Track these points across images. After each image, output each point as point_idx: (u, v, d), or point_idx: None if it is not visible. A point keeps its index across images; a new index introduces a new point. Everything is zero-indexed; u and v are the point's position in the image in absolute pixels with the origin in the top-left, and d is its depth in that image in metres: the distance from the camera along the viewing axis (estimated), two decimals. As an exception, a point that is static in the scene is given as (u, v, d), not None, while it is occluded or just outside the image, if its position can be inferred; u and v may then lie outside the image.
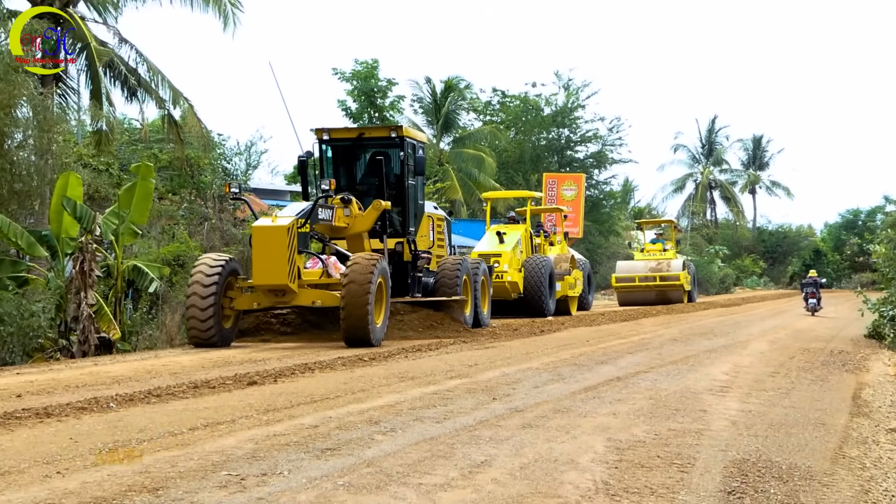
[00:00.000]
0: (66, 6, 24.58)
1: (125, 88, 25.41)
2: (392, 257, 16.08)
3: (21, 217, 17.81)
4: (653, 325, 19.79)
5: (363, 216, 15.37)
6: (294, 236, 13.46)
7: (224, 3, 25.21)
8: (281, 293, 13.71)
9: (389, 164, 16.52)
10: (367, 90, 42.96)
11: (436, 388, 8.93)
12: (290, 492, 4.74)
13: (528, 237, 25.76)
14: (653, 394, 8.62)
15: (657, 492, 4.90)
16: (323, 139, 16.58)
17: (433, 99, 50.00)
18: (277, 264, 13.30)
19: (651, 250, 36.20)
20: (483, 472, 5.23)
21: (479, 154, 48.25)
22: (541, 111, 57.18)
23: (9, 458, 5.61)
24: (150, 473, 5.15)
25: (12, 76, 16.74)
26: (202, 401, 8.17)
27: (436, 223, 18.30)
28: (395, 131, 16.55)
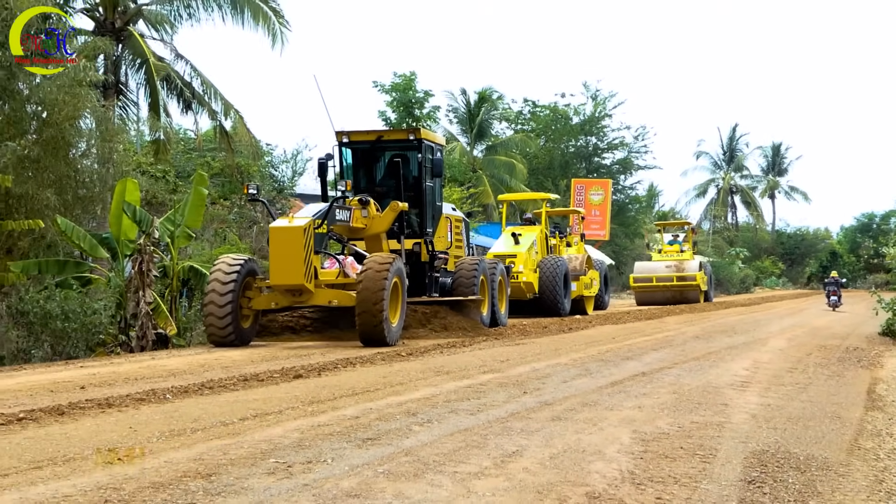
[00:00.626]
0: (126, 24, 24.90)
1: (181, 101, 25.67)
2: (410, 258, 15.65)
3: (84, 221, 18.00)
4: (676, 323, 19.65)
5: (381, 217, 14.89)
6: (310, 237, 13.01)
7: (273, 22, 25.38)
8: (298, 293, 13.24)
9: (407, 166, 16.10)
10: (405, 101, 43.07)
11: (469, 382, 8.92)
12: (334, 478, 4.76)
13: (543, 238, 25.09)
14: (676, 388, 8.57)
15: (680, 481, 4.87)
16: (343, 142, 16.14)
17: (468, 109, 50.01)
18: (294, 264, 12.85)
19: (669, 251, 35.61)
20: (514, 461, 5.23)
21: (510, 161, 48.21)
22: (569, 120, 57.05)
23: (74, 445, 5.68)
24: (203, 460, 5.19)
25: (76, 90, 16.94)
26: (251, 393, 8.23)
27: (454, 224, 17.76)
28: (412, 134, 16.14)
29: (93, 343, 13.36)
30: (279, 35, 25.41)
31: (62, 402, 7.43)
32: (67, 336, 13.17)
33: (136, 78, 25.36)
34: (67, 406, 7.25)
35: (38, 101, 17.33)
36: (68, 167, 17.40)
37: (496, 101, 51.78)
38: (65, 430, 6.29)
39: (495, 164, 47.94)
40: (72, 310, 13.22)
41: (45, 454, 5.39)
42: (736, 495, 4.64)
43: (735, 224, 78.79)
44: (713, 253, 60.57)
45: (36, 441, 5.84)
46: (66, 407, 7.21)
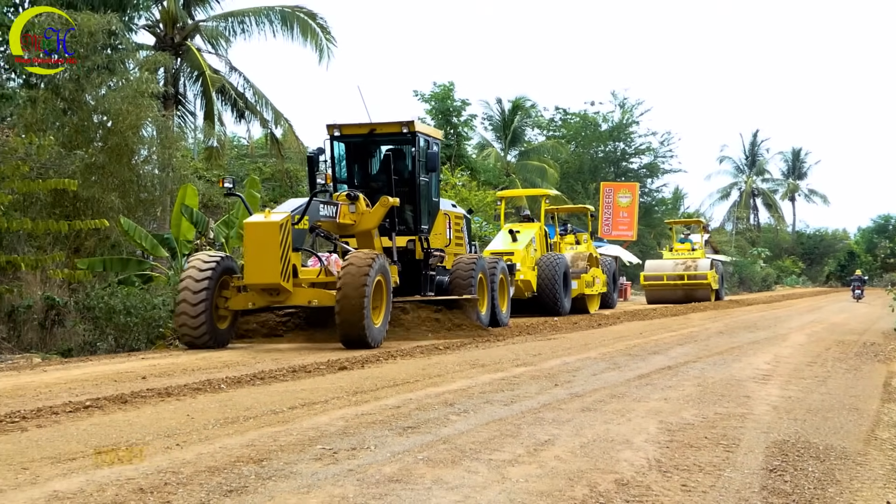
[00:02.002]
0: (184, 39, 25.15)
1: (234, 110, 25.90)
2: (404, 255, 14.48)
3: (146, 222, 18.23)
4: (700, 320, 19.48)
5: (370, 213, 13.55)
6: (287, 233, 11.65)
7: (320, 38, 25.53)
8: (275, 292, 11.92)
9: (402, 160, 14.76)
10: (443, 110, 43.08)
11: (503, 374, 8.90)
12: (377, 464, 4.77)
13: (542, 235, 23.34)
14: (701, 381, 8.49)
15: (705, 469, 4.83)
16: (334, 135, 14.71)
17: (502, 117, 49.99)
18: (270, 262, 11.54)
19: (680, 250, 33.87)
20: (547, 449, 5.20)
21: (542, 165, 48.13)
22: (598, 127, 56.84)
23: (135, 431, 5.74)
24: (255, 446, 5.23)
25: (139, 101, 17.15)
26: (299, 383, 8.27)
27: (453, 221, 16.32)
28: (406, 127, 14.44)
29: (153, 336, 13.49)
30: (325, 50, 25.55)
31: (125, 392, 7.51)
32: (130, 330, 13.31)
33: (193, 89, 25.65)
34: (130, 395, 7.33)
35: (103, 111, 17.57)
36: (131, 172, 17.62)
37: (529, 110, 51.73)
38: (127, 417, 6.36)
39: (528, 169, 47.87)
40: (133, 305, 13.35)
41: (109, 439, 5.46)
42: (758, 482, 4.59)
43: (757, 225, 78.04)
44: (736, 253, 59.99)
45: (101, 427, 5.91)
46: (128, 396, 7.29)
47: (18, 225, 13.30)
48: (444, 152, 42.57)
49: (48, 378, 8.89)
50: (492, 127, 50.71)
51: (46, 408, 6.63)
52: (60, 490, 4.20)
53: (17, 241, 14.73)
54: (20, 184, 13.42)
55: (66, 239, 15.65)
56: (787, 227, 78.23)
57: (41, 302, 13.74)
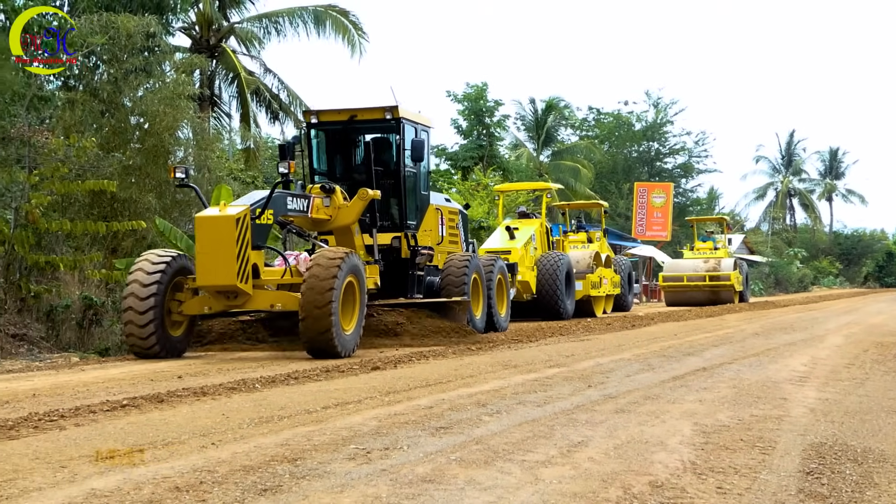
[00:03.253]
0: (220, 41, 25.37)
1: (269, 112, 26.12)
2: (389, 254, 13.36)
3: (181, 223, 18.39)
4: (736, 321, 19.30)
5: (348, 207, 12.25)
6: (246, 228, 10.43)
7: (352, 33, 25.69)
8: (232, 295, 10.68)
9: (385, 149, 13.55)
10: (476, 110, 43.07)
11: (536, 375, 8.88)
12: (410, 464, 4.77)
13: (543, 232, 21.64)
14: (736, 383, 8.41)
15: (740, 471, 4.78)
16: (311, 122, 13.57)
17: (535, 117, 49.93)
18: (224, 261, 10.32)
19: (701, 249, 31.91)
20: (580, 451, 5.18)
21: (576, 165, 48.02)
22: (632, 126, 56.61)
23: (171, 430, 5.79)
24: (289, 446, 5.25)
25: (176, 102, 17.32)
26: (333, 383, 8.30)
27: (447, 217, 15.01)
28: (389, 112, 13.19)
29: (189, 336, 13.57)
30: (358, 45, 25.74)
31: (161, 391, 7.59)
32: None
33: (228, 91, 25.91)
34: (166, 394, 7.41)
35: (140, 112, 17.79)
36: (167, 173, 17.80)
37: (563, 109, 51.62)
38: (164, 416, 6.42)
39: (561, 169, 47.77)
40: (169, 305, 13.44)
41: (146, 438, 5.51)
42: (795, 485, 4.54)
43: (793, 225, 77.27)
44: (772, 253, 59.41)
45: (138, 426, 5.97)
46: (164, 395, 7.37)
47: (57, 226, 13.50)
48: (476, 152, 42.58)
49: (86, 377, 9.01)
50: (525, 127, 50.69)
51: (84, 406, 6.72)
52: (98, 488, 4.25)
53: (56, 242, 14.91)
54: (59, 185, 13.62)
55: (103, 239, 15.84)
56: (824, 227, 77.36)
57: (79, 302, 13.91)
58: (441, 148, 45.16)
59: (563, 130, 53.47)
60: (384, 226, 13.27)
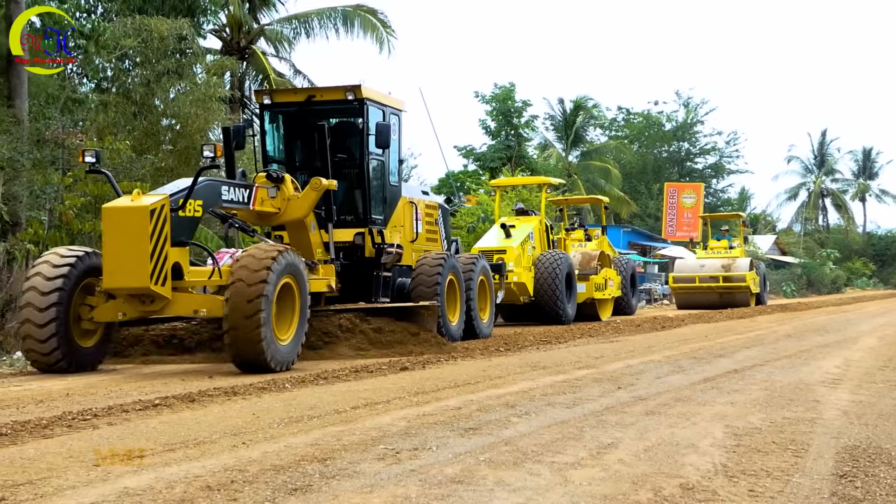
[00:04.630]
0: (250, 43, 25.55)
1: (298, 112, 26.21)
2: (352, 253, 12.07)
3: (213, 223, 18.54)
4: (767, 322, 19.14)
5: (298, 199, 10.92)
6: (164, 221, 8.98)
7: (380, 31, 25.83)
8: (148, 299, 9.20)
9: (348, 134, 12.27)
10: (504, 111, 43.03)
11: (565, 376, 8.86)
12: (439, 465, 4.78)
13: (542, 231, 19.82)
14: (768, 385, 8.33)
15: (773, 474, 4.74)
16: (264, 103, 12.32)
17: (564, 117, 49.83)
18: (136, 260, 8.85)
19: (716, 248, 29.45)
20: (610, 453, 5.16)
21: (605, 166, 47.85)
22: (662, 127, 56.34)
23: (203, 429, 5.84)
24: (319, 445, 5.28)
25: (207, 104, 17.48)
26: (362, 383, 8.33)
27: (424, 211, 13.59)
28: (351, 92, 11.81)
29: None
30: (386, 42, 25.90)
31: (193, 391, 7.66)
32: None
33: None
34: (197, 394, 7.47)
35: (172, 114, 17.97)
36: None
37: (591, 109, 51.45)
38: (195, 415, 6.48)
39: (590, 170, 47.64)
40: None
41: (177, 437, 5.56)
42: (828, 489, 4.49)
43: (826, 226, 76.48)
44: (804, 254, 58.84)
45: (169, 425, 6.03)
46: (196, 394, 7.43)
47: (90, 227, 13.66)
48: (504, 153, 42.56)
49: (119, 377, 9.10)
50: (553, 127, 50.61)
51: (117, 406, 6.79)
52: (131, 487, 4.29)
53: (90, 243, 15.09)
54: (93, 186, 13.78)
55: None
56: (857, 228, 76.44)
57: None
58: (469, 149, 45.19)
59: (592, 131, 53.37)
60: (346, 220, 12.05)
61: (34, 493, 4.18)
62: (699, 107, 56.26)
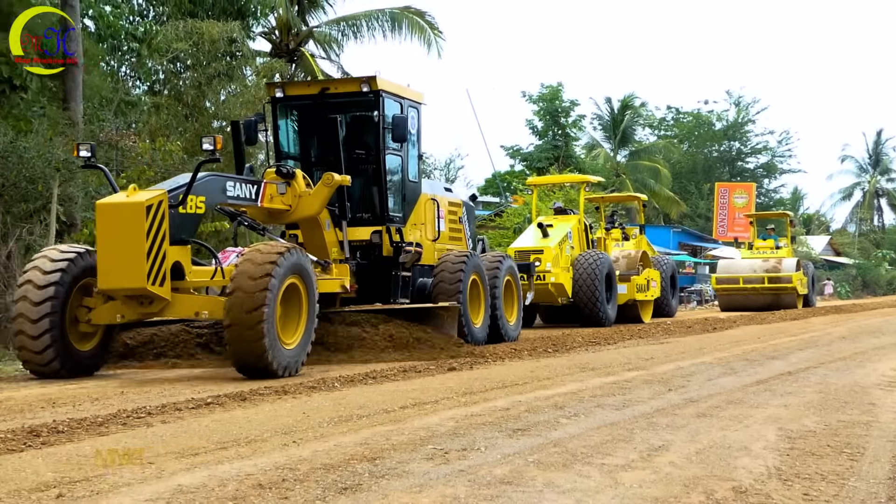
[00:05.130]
0: (299, 45, 25.76)
1: (345, 114, 26.41)
2: (369, 252, 11.67)
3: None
4: (822, 324, 18.84)
5: (310, 195, 10.52)
6: (161, 218, 8.58)
7: (428, 33, 25.93)
8: (146, 301, 8.80)
9: (364, 128, 11.93)
10: (551, 111, 42.88)
11: (615, 378, 8.79)
12: (488, 465, 4.77)
13: (581, 230, 19.25)
14: (822, 387, 8.20)
15: (828, 478, 4.66)
16: (277, 97, 11.87)
17: (611, 116, 49.50)
18: (131, 259, 8.44)
19: (761, 248, 28.37)
20: (661, 455, 5.11)
21: (654, 166, 47.46)
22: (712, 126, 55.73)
23: (254, 428, 5.90)
24: (368, 445, 5.30)
25: (258, 106, 17.67)
26: (410, 383, 8.36)
27: (447, 209, 13.07)
28: (366, 84, 11.40)
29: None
30: (434, 44, 26.01)
31: (244, 389, 7.74)
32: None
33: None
34: (249, 392, 7.56)
35: (222, 116, 18.19)
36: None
37: (639, 108, 51.09)
38: (247, 414, 6.55)
39: (639, 169, 47.28)
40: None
41: (229, 436, 5.63)
42: (884, 492, 4.40)
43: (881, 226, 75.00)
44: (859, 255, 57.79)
45: (222, 424, 6.10)
46: (247, 393, 7.52)
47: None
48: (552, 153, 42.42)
49: (172, 375, 9.23)
50: (601, 127, 50.30)
51: (170, 404, 6.89)
52: (184, 484, 4.35)
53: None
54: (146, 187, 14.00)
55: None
56: (914, 228, 74.89)
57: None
58: (516, 149, 45.10)
59: (640, 130, 52.96)
60: (363, 218, 11.66)
61: (90, 490, 4.25)
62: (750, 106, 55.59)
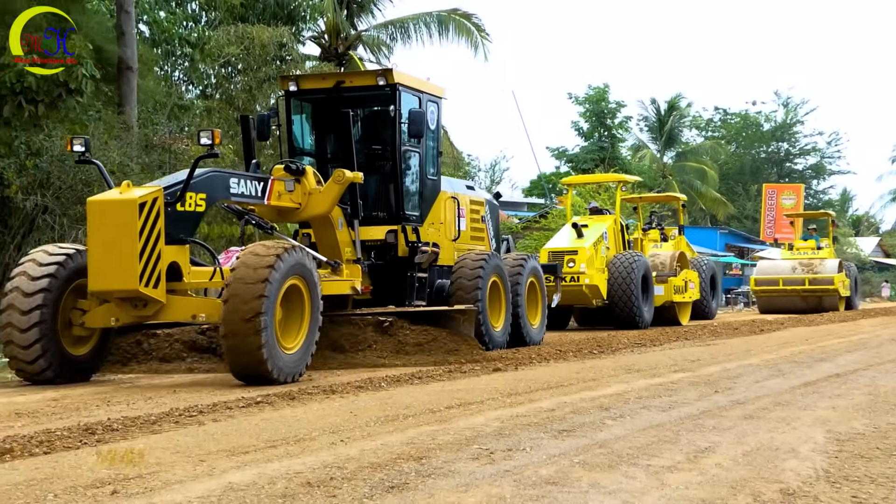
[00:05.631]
0: (347, 49, 25.94)
1: (392, 116, 26.57)
2: (385, 252, 11.12)
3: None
4: (871, 326, 18.52)
5: (321, 192, 9.93)
6: (156, 216, 8.04)
7: (475, 35, 26.02)
8: (140, 303, 8.24)
9: (380, 123, 11.31)
10: (597, 112, 42.66)
11: (660, 380, 8.72)
12: (533, 466, 4.77)
13: (617, 230, 18.74)
14: (871, 390, 8.05)
15: (877, 480, 4.58)
16: (290, 90, 11.24)
17: (657, 117, 49.10)
18: (123, 260, 7.95)
19: (802, 248, 27.37)
20: (707, 457, 5.06)
21: (701, 167, 47.00)
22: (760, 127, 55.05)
23: (303, 427, 5.96)
24: (414, 444, 5.32)
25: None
26: (455, 383, 8.37)
27: (469, 208, 12.49)
28: (382, 77, 10.86)
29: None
30: (481, 46, 26.13)
31: (293, 389, 7.81)
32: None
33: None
34: (297, 392, 7.63)
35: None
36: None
37: (685, 109, 50.61)
38: (295, 413, 6.61)
39: (686, 170, 46.86)
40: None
41: (279, 434, 5.69)
42: (936, 499, 4.32)
43: (933, 227, 73.37)
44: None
45: (271, 422, 6.16)
46: (296, 392, 7.59)
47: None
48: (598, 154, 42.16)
49: (223, 376, 9.33)
50: (647, 128, 49.93)
51: (221, 403, 6.98)
52: (235, 482, 4.40)
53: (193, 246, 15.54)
54: None
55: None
56: (967, 229, 73.15)
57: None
58: (562, 150, 44.93)
59: (687, 131, 52.48)
60: (379, 217, 11.13)
61: (144, 487, 4.32)
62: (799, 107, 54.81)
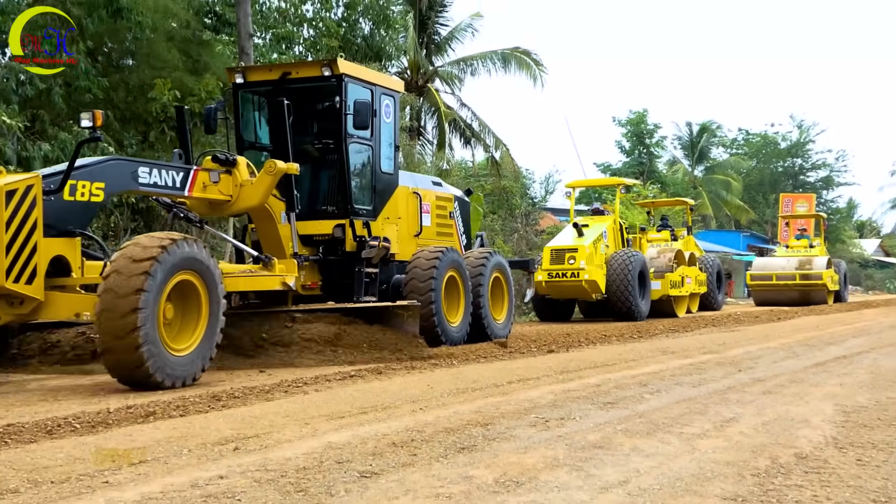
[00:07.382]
0: (426, 82, 26.07)
1: (462, 138, 26.62)
2: (333, 247, 9.24)
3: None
4: (874, 315, 17.94)
5: (252, 184, 8.13)
6: (29, 206, 6.30)
7: (533, 69, 25.91)
8: (17, 301, 6.44)
9: (328, 114, 9.29)
10: (638, 132, 42.11)
11: (691, 360, 8.58)
12: (582, 432, 4.74)
13: (616, 230, 17.74)
14: (874, 369, 7.80)
15: (878, 446, 4.45)
16: (237, 82, 9.37)
17: (690, 138, 48.36)
18: None
19: (795, 247, 26.18)
20: (732, 426, 4.98)
21: (727, 179, 46.21)
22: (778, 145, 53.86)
23: (389, 397, 6.02)
24: (481, 412, 5.34)
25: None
26: (515, 362, 8.36)
27: (435, 203, 10.65)
28: (328, 67, 9.02)
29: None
30: (539, 78, 26.01)
31: (380, 365, 7.89)
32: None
33: (430, 122, 26.58)
34: (384, 368, 7.70)
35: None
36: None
37: (714, 131, 49.83)
38: (382, 385, 6.68)
39: (713, 182, 46.05)
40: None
41: (369, 402, 5.76)
42: (932, 464, 4.17)
43: (932, 232, 70.58)
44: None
45: (362, 393, 6.24)
46: (382, 368, 7.67)
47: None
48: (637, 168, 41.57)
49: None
50: (681, 146, 49.20)
51: (322, 376, 7.09)
52: (333, 441, 4.48)
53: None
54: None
55: None
56: (962, 231, 70.12)
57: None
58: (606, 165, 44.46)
59: (715, 149, 51.62)
60: (328, 211, 9.33)
61: (260, 445, 4.43)
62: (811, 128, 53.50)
